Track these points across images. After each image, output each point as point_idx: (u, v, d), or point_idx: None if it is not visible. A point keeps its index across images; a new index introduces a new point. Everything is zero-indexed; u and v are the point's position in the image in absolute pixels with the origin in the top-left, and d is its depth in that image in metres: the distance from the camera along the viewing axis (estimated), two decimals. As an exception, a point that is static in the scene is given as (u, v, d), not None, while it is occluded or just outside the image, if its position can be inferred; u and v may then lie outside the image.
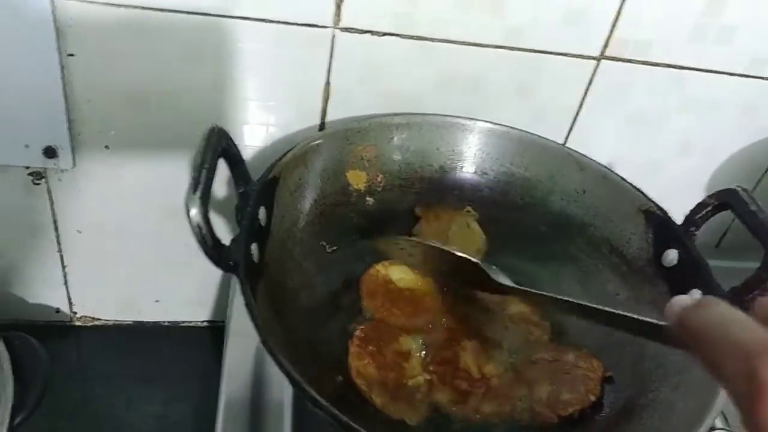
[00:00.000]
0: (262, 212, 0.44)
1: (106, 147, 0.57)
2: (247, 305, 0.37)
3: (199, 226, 0.36)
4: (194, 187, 0.37)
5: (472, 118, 0.55)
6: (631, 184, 0.52)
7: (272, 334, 0.38)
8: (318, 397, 0.34)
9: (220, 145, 0.41)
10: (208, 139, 0.40)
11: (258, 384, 0.50)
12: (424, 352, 0.47)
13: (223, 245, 0.39)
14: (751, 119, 0.64)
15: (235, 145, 0.43)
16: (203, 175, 0.38)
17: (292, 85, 0.56)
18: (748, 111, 0.63)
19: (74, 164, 0.57)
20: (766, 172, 0.69)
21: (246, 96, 0.56)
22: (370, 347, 0.47)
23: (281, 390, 0.50)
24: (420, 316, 0.49)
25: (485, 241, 0.55)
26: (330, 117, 0.58)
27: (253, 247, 0.42)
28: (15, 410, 0.50)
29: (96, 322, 0.69)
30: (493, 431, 0.44)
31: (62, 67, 0.51)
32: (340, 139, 0.53)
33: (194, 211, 0.36)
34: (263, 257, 0.43)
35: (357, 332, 0.47)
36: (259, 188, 0.44)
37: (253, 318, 0.37)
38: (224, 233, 0.55)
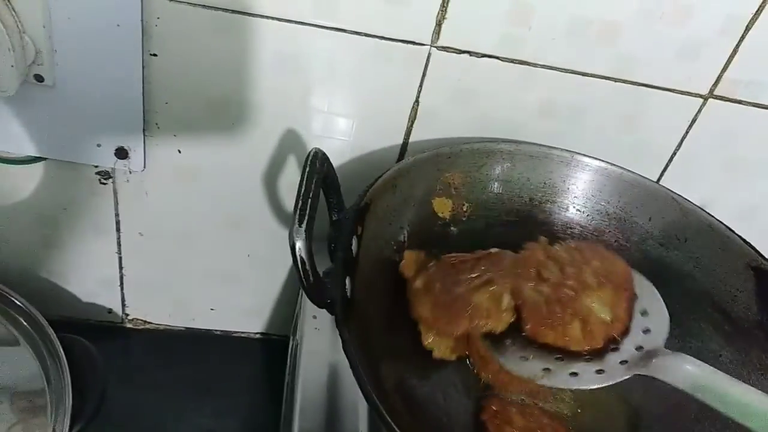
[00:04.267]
0: (354, 242, 0.42)
1: (179, 151, 0.54)
2: (346, 350, 0.35)
3: (302, 261, 0.34)
4: (300, 218, 0.34)
5: (569, 151, 0.52)
6: (740, 237, 0.48)
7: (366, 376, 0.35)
8: None
9: (322, 170, 0.38)
10: (311, 164, 0.37)
11: (332, 410, 0.47)
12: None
13: (321, 279, 0.36)
14: None
15: (334, 171, 0.40)
16: (308, 205, 0.35)
17: (379, 102, 0.53)
18: None
19: (144, 166, 0.54)
20: None
21: (329, 109, 0.53)
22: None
23: (356, 417, 0.47)
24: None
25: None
26: (414, 138, 0.55)
27: (347, 281, 0.39)
28: (73, 419, 0.48)
29: (147, 326, 0.67)
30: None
31: (144, 67, 0.49)
32: (432, 164, 0.49)
33: (300, 245, 0.34)
34: (353, 291, 0.40)
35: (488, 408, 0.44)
36: (353, 216, 0.41)
37: (352, 363, 0.34)
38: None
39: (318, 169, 0.37)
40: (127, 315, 0.66)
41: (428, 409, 0.43)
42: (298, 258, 0.34)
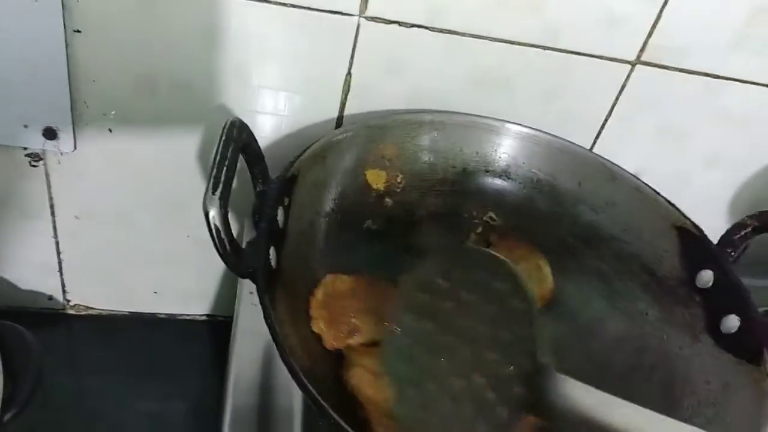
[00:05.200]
0: (279, 213, 0.41)
1: (110, 130, 0.53)
2: (266, 317, 0.35)
3: (217, 229, 0.34)
4: (214, 186, 0.34)
5: (500, 120, 0.53)
6: (665, 199, 0.50)
7: (288, 345, 0.35)
8: (335, 415, 0.32)
9: (240, 140, 0.38)
10: (228, 133, 0.37)
11: (266, 387, 0.47)
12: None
13: (241, 249, 0.36)
14: (783, 133, 0.62)
15: (255, 140, 0.40)
16: (223, 173, 0.35)
17: (311, 74, 0.53)
18: (781, 125, 0.61)
19: (75, 147, 0.53)
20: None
21: (261, 84, 0.53)
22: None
23: (290, 395, 0.47)
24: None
25: (551, 289, 0.50)
26: (349, 111, 0.55)
27: (271, 251, 0.39)
28: (5, 405, 0.47)
29: (90, 311, 0.66)
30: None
31: (67, 45, 0.48)
32: (362, 136, 0.50)
33: (213, 213, 0.34)
34: (280, 262, 0.40)
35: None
36: (279, 187, 0.41)
37: (273, 332, 0.34)
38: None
39: (235, 137, 0.37)
40: (69, 301, 0.65)
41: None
42: (212, 226, 0.34)
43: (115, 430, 0.58)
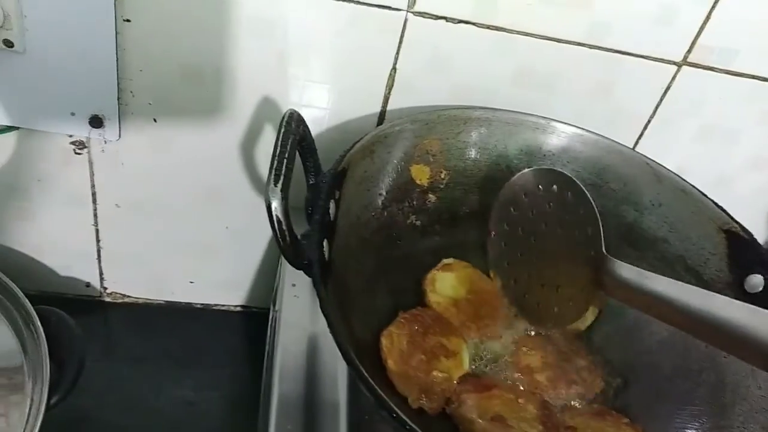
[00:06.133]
0: (331, 206, 0.42)
1: (155, 120, 0.54)
2: (323, 309, 0.35)
3: (279, 220, 0.34)
4: (275, 178, 0.34)
5: (546, 118, 0.52)
6: (713, 201, 0.49)
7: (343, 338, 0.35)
8: (401, 414, 0.32)
9: (298, 132, 0.38)
10: (287, 125, 0.37)
11: (311, 378, 0.47)
12: (471, 365, 0.45)
13: (299, 240, 0.36)
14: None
15: (309, 133, 0.40)
16: (284, 165, 0.35)
17: (356, 68, 0.53)
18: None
19: (120, 136, 0.54)
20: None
21: (306, 76, 0.53)
22: (416, 327, 0.45)
23: (335, 385, 0.47)
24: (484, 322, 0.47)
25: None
26: (391, 106, 0.55)
27: (324, 243, 0.39)
28: (51, 390, 0.48)
29: (126, 299, 0.66)
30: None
31: (117, 33, 0.48)
32: (409, 131, 0.49)
33: (275, 204, 0.34)
34: (331, 254, 0.40)
35: (411, 312, 0.45)
36: (330, 180, 0.41)
37: (330, 320, 0.34)
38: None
39: (294, 130, 0.37)
40: (106, 289, 0.65)
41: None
42: (275, 218, 0.34)
43: (151, 417, 0.58)
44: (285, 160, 0.35)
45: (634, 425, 0.44)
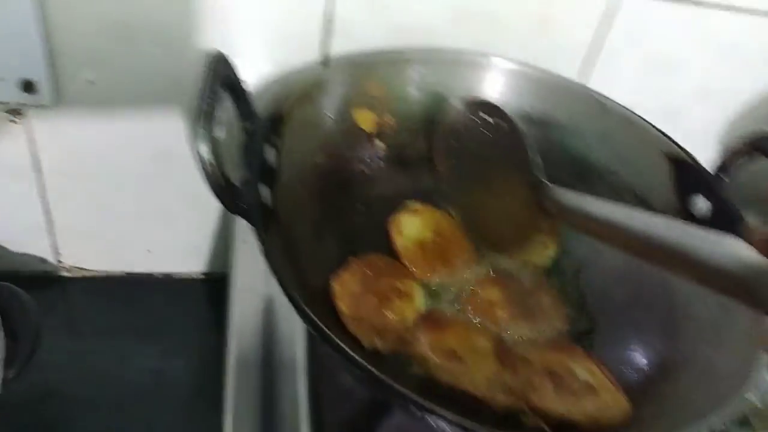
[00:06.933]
0: (271, 154, 0.41)
1: (91, 82, 0.52)
2: (265, 255, 0.34)
3: (210, 164, 0.33)
4: (199, 118, 0.33)
5: (487, 55, 0.52)
6: (658, 129, 0.49)
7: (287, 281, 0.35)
8: (357, 357, 0.32)
9: (224, 73, 0.37)
10: (211, 66, 0.36)
11: (268, 340, 0.47)
12: (431, 305, 0.45)
13: (235, 186, 0.35)
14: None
15: (237, 75, 0.39)
16: (209, 105, 0.34)
17: (291, 14, 0.51)
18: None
19: (57, 101, 0.52)
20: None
21: (241, 28, 0.51)
22: (368, 270, 0.45)
23: (293, 344, 0.47)
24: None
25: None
26: (333, 52, 0.54)
27: (264, 189, 0.38)
28: (6, 365, 0.47)
29: (84, 273, 0.65)
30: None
31: (37, -9, 0.47)
32: (348, 74, 0.49)
33: (203, 147, 0.33)
34: (275, 202, 0.40)
35: (362, 257, 0.45)
36: (266, 125, 0.41)
37: (274, 270, 0.34)
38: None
39: (218, 71, 0.36)
40: (61, 263, 0.64)
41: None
42: (206, 161, 0.33)
43: (118, 387, 0.58)
44: (209, 100, 0.34)
45: (590, 356, 0.44)
